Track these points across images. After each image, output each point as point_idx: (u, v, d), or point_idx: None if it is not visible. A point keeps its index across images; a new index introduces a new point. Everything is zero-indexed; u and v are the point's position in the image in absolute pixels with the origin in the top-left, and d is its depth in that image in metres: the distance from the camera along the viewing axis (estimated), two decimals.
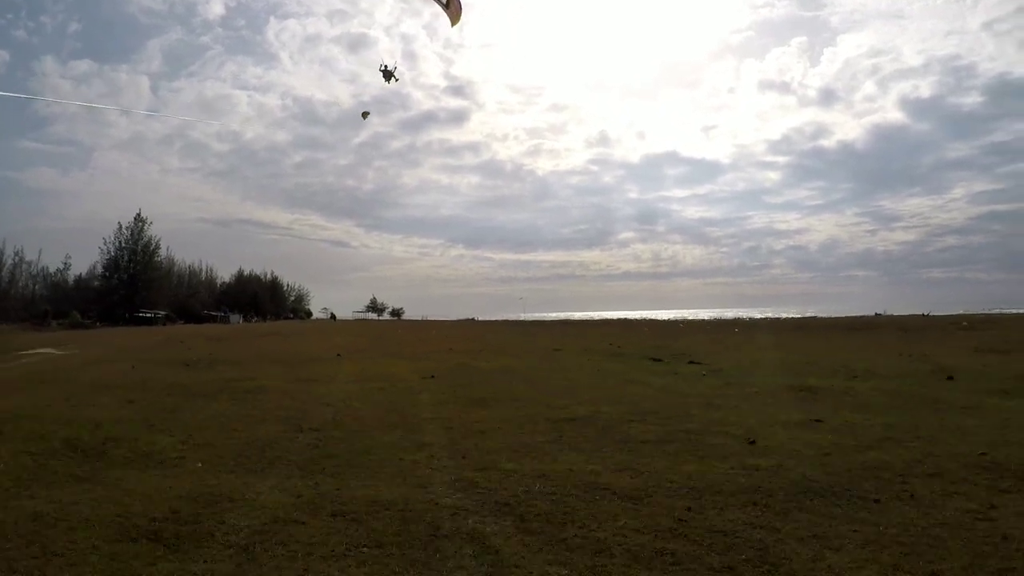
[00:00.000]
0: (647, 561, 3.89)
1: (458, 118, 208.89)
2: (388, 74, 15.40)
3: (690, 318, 76.90)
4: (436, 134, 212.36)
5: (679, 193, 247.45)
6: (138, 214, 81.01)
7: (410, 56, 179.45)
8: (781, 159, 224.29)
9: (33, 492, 5.52)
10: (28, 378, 14.95)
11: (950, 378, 13.60)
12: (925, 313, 52.60)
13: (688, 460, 6.44)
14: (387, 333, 42.88)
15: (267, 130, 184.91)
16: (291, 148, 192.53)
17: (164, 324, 74.45)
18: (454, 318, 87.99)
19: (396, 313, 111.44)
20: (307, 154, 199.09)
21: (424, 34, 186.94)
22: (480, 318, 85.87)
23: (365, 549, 4.10)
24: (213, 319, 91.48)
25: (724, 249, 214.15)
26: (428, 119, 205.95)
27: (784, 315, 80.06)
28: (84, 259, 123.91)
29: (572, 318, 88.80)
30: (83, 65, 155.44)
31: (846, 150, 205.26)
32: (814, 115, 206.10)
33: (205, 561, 3.94)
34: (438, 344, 27.81)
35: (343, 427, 8.50)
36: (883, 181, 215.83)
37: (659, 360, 19.13)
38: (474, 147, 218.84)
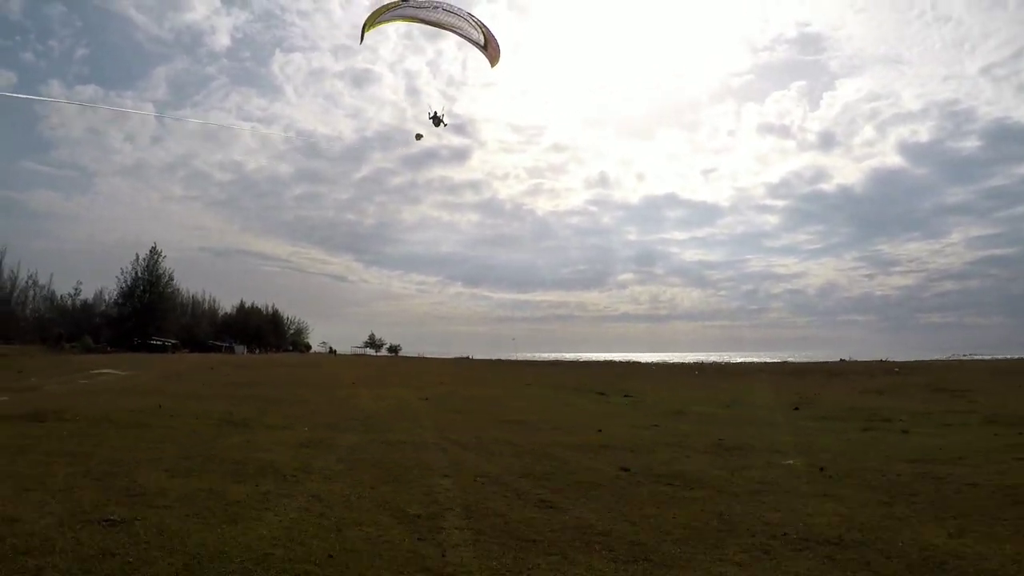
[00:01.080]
0: (525, 470, 10.19)
1: (459, 156, 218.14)
2: (437, 120, 15.75)
3: (674, 361, 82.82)
4: (437, 171, 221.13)
5: (678, 236, 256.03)
6: (154, 247, 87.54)
7: (413, 92, 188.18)
8: (780, 203, 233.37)
9: (227, 436, 11.79)
10: (133, 390, 21.22)
11: (796, 408, 19.82)
12: (844, 359, 59.48)
13: (559, 435, 12.77)
14: (388, 367, 49.21)
15: (269, 162, 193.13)
16: (292, 180, 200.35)
17: (173, 352, 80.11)
18: (450, 356, 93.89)
19: (393, 350, 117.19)
20: (308, 187, 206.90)
21: (427, 71, 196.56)
22: (475, 356, 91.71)
23: (398, 452, 10.41)
24: (219, 349, 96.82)
25: (723, 292, 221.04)
26: (430, 156, 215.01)
27: (767, 359, 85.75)
28: (85, 282, 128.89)
29: (563, 359, 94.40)
30: (89, 90, 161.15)
31: (845, 194, 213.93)
32: (813, 159, 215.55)
33: (336, 460, 10.27)
34: (432, 377, 34.12)
35: (374, 418, 14.88)
36: (882, 225, 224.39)
37: (603, 394, 25.42)
38: (475, 185, 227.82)
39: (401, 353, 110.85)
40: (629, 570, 5.01)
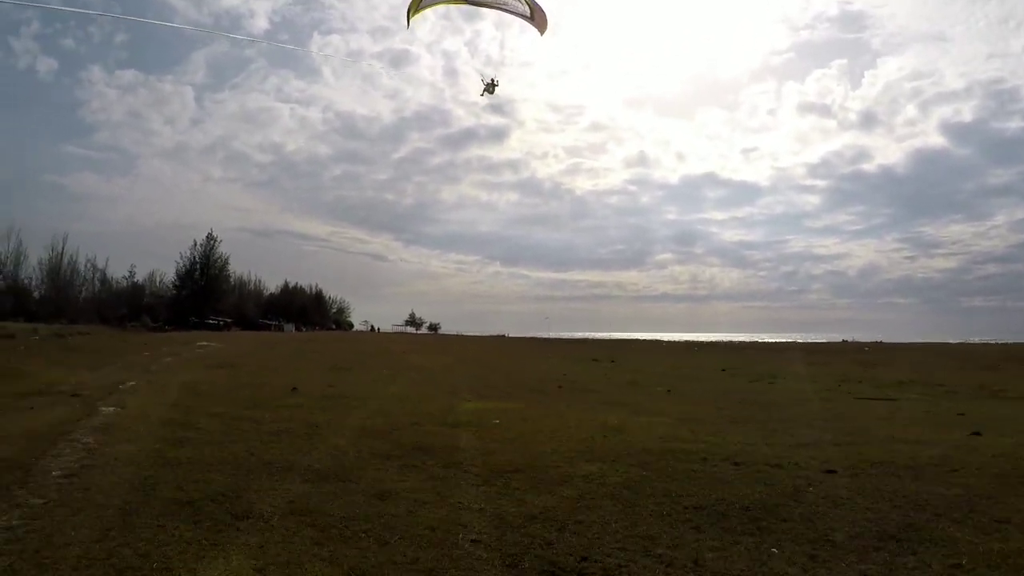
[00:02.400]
0: (507, 388, 18.43)
1: (498, 136, 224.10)
2: (491, 86, 16.53)
3: (700, 339, 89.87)
4: (476, 151, 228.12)
5: (718, 215, 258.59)
6: (210, 233, 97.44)
7: (451, 73, 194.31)
8: (821, 183, 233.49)
9: (341, 372, 20.28)
10: (247, 354, 30.11)
11: (723, 370, 27.54)
12: (879, 341, 65.21)
13: (536, 376, 20.96)
14: (430, 343, 58.18)
15: (308, 143, 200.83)
16: (331, 161, 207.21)
17: (228, 330, 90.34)
18: (487, 334, 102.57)
19: (433, 328, 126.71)
20: (347, 167, 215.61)
21: (466, 51, 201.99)
22: (511, 334, 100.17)
23: (437, 381, 18.74)
24: (268, 327, 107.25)
25: (762, 273, 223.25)
26: (468, 136, 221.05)
27: (797, 339, 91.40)
28: (123, 263, 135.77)
29: (592, 337, 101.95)
30: (129, 75, 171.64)
31: (886, 175, 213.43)
32: (854, 138, 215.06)
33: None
34: (467, 350, 42.66)
35: (426, 370, 23.37)
36: (924, 207, 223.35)
37: (596, 360, 33.47)
38: (513, 165, 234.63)
39: (440, 331, 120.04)
40: (550, 404, 13.18)
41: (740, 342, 72.84)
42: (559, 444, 8.43)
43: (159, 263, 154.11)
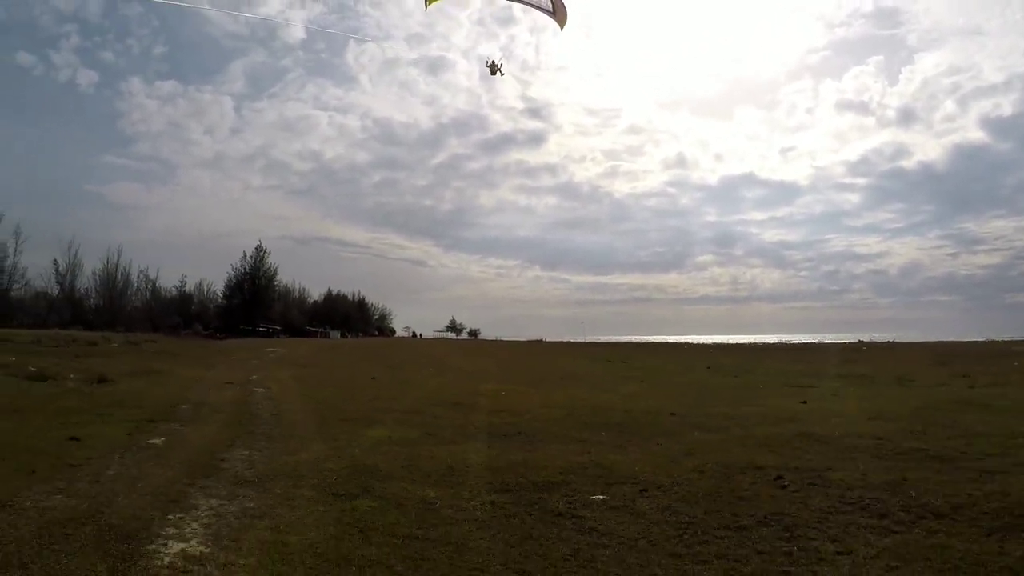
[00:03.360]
0: (526, 378, 24.85)
1: (536, 140, 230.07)
2: (494, 68, 16.70)
3: (727, 341, 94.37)
4: (514, 155, 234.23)
5: (757, 216, 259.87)
6: (259, 245, 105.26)
7: (487, 78, 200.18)
8: (860, 181, 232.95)
9: (396, 371, 26.94)
10: (316, 355, 37.14)
11: (708, 367, 33.36)
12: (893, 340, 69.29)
13: (547, 372, 27.26)
14: (469, 347, 65.01)
15: (347, 150, 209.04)
16: (370, 168, 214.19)
17: (278, 337, 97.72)
18: (524, 338, 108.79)
19: (473, 333, 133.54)
20: (386, 174, 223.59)
21: (501, 56, 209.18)
22: (547, 339, 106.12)
23: (473, 379, 25.23)
24: (315, 334, 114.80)
25: (803, 273, 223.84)
26: (506, 141, 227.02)
27: (817, 340, 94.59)
28: (165, 270, 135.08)
29: (626, 341, 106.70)
30: (168, 86, 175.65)
31: (926, 171, 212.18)
32: (893, 135, 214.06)
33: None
34: (500, 353, 49.21)
35: (463, 369, 29.92)
36: (965, 203, 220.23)
37: (610, 361, 39.54)
38: (551, 168, 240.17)
39: (480, 336, 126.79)
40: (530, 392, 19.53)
41: (764, 344, 77.54)
42: (535, 402, 14.90)
43: (199, 270, 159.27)
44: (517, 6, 14.69)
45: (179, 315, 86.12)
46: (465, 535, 5.91)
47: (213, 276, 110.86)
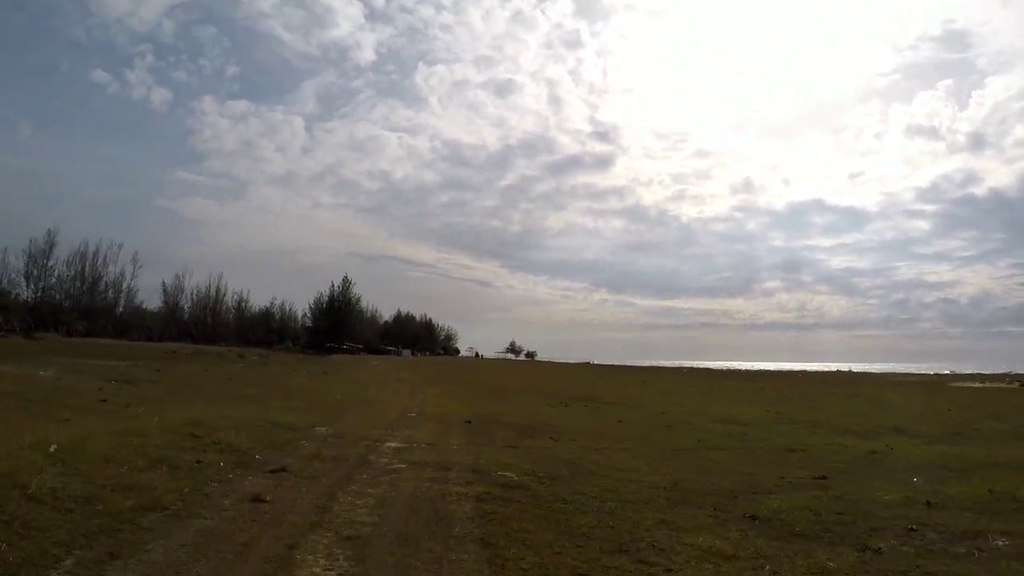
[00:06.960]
0: (551, 393, 37.65)
1: (603, 163, 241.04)
2: None
3: (768, 369, 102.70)
4: (582, 178, 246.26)
5: (825, 242, 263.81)
6: (345, 276, 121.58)
7: (555, 101, 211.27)
8: (930, 207, 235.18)
9: (478, 376, 40.17)
10: (413, 366, 50.83)
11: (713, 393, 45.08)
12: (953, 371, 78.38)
13: (560, 387, 39.91)
14: (523, 368, 78.34)
15: (416, 170, 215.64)
16: (438, 188, 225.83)
17: (359, 354, 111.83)
18: (574, 360, 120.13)
19: (530, 355, 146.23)
20: (454, 194, 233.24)
21: (569, 79, 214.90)
22: (595, 361, 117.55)
23: (516, 398, 38.21)
24: (388, 352, 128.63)
25: (872, 301, 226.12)
26: (573, 163, 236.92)
27: (865, 369, 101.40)
28: (234, 285, 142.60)
29: (673, 365, 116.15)
30: (240, 105, 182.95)
31: (998, 198, 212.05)
32: (964, 161, 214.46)
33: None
34: (546, 372, 61.97)
35: (504, 386, 42.86)
36: None
37: (644, 382, 51.54)
38: (619, 192, 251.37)
39: (536, 358, 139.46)
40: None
41: (797, 371, 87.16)
42: (532, 393, 27.84)
43: (268, 286, 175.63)
44: (585, 29, 21.05)
45: (268, 332, 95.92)
46: None
47: (282, 292, 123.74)
